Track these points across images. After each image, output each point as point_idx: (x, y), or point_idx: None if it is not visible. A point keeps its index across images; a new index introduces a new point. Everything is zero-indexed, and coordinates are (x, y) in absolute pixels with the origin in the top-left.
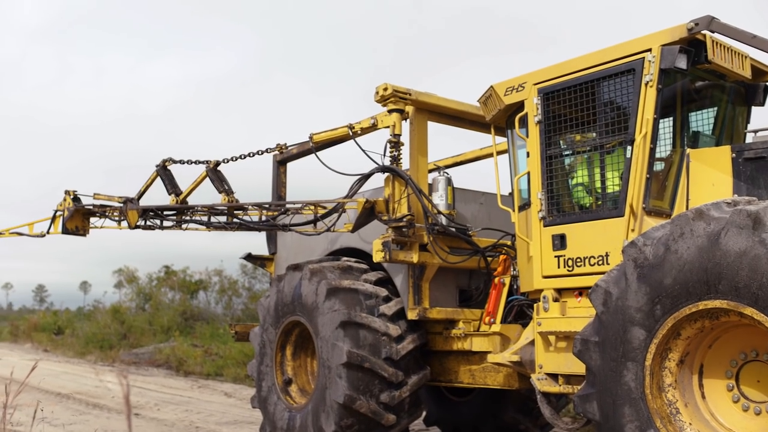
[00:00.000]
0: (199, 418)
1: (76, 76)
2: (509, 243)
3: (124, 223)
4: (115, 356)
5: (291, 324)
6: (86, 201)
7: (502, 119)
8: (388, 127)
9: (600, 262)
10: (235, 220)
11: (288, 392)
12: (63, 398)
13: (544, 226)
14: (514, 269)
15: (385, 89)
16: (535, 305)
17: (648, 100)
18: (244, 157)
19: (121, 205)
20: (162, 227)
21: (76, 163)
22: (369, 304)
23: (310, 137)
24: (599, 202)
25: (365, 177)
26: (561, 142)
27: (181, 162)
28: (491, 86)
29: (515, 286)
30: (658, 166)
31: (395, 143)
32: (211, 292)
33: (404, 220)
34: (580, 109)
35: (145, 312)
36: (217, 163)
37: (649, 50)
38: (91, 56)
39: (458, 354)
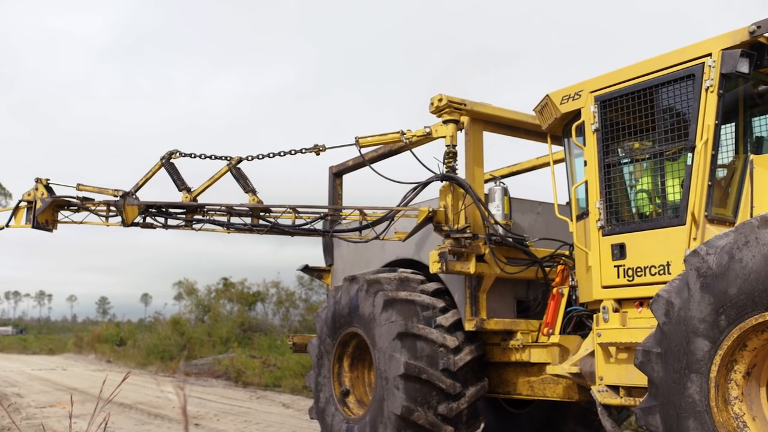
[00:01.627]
0: (257, 429)
1: (139, 93)
2: (567, 253)
3: (114, 219)
4: (175, 367)
5: (348, 335)
6: (61, 191)
7: (558, 128)
8: (442, 137)
9: (661, 272)
10: (262, 222)
11: (346, 403)
12: (125, 408)
13: (603, 235)
14: (573, 279)
15: (440, 100)
16: (594, 316)
17: (709, 105)
18: (273, 156)
19: (118, 199)
20: (166, 226)
21: (139, 177)
22: (426, 315)
23: (357, 140)
24: (659, 211)
25: (422, 186)
26: (619, 150)
27: (192, 156)
28: (547, 95)
29: (574, 297)
30: (720, 173)
31: (451, 154)
32: (268, 303)
33: (467, 230)
34: (639, 117)
35: (204, 323)
36: (240, 160)
37: (710, 55)
38: (154, 74)
39: (516, 365)
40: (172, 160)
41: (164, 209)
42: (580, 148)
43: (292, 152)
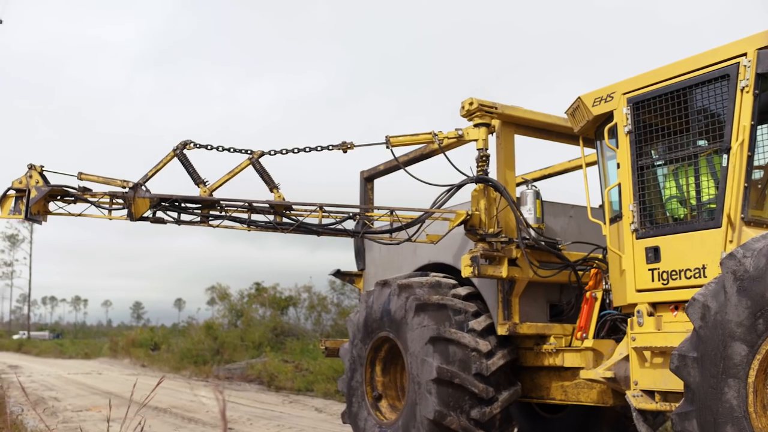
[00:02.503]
0: None
1: (175, 99)
2: (600, 256)
3: (119, 212)
4: (208, 371)
5: (380, 340)
6: (57, 180)
7: (590, 130)
8: (474, 140)
9: (697, 275)
10: (286, 220)
11: (378, 408)
12: (160, 412)
13: (637, 238)
14: (606, 283)
15: (471, 103)
16: (628, 320)
17: (744, 106)
18: (297, 151)
19: (126, 190)
20: (179, 221)
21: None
22: (458, 320)
23: (387, 139)
24: (694, 213)
25: (456, 188)
26: (652, 152)
27: (208, 147)
28: (579, 97)
29: (607, 300)
30: (757, 174)
31: (483, 157)
32: (300, 308)
33: (502, 235)
34: (673, 118)
35: (237, 328)
36: (262, 154)
37: (744, 54)
38: (188, 81)
39: (550, 370)
40: (186, 151)
41: (178, 203)
42: (613, 151)
43: (318, 148)
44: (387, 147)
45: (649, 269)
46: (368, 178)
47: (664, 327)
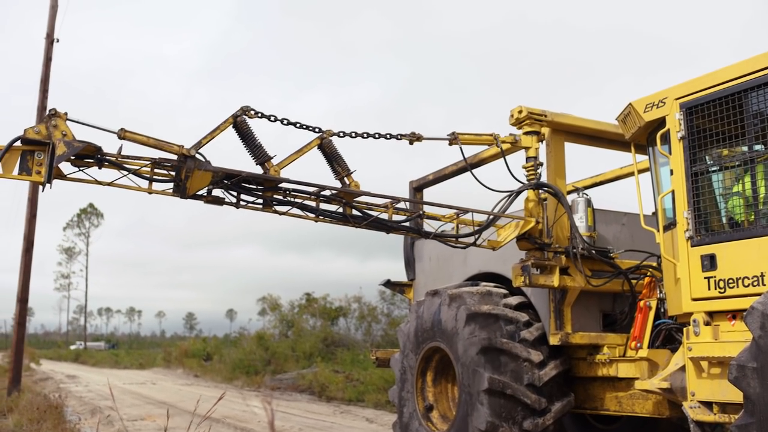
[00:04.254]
0: None
1: (228, 113)
2: (654, 264)
3: (161, 185)
4: (260, 382)
5: (431, 350)
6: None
7: (642, 137)
8: (526, 147)
9: (755, 283)
10: (356, 212)
11: (429, 418)
12: (214, 422)
13: (692, 246)
14: (661, 291)
15: (520, 112)
16: (684, 329)
17: None
18: (367, 137)
19: (181, 159)
20: (238, 204)
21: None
22: (509, 330)
23: (455, 136)
24: (752, 220)
25: (516, 194)
26: (707, 157)
27: (271, 119)
28: (630, 103)
29: (662, 309)
30: None
31: (533, 166)
32: (350, 318)
33: (555, 244)
34: (728, 122)
35: (288, 338)
36: (333, 134)
37: None
38: (242, 94)
39: (603, 380)
40: (246, 119)
41: (246, 182)
42: (666, 157)
43: (387, 136)
44: (450, 144)
45: (705, 277)
46: (417, 188)
47: (722, 336)
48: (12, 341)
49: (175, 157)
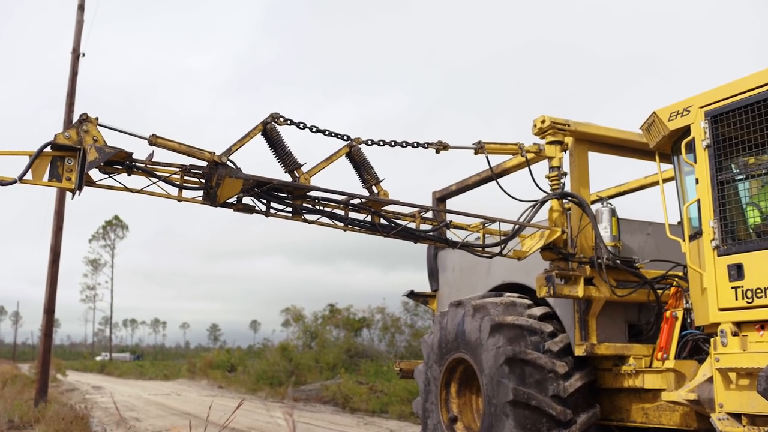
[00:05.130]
0: None
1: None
2: (681, 274)
3: (191, 192)
4: (284, 393)
5: (455, 361)
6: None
7: (666, 146)
8: (550, 157)
9: None
10: (384, 221)
11: (453, 430)
12: None
13: (718, 255)
14: (687, 302)
15: (543, 121)
16: (711, 340)
17: None
18: (394, 145)
19: (212, 166)
20: (267, 213)
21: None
22: (534, 340)
23: (481, 144)
24: None
25: (540, 203)
26: (733, 166)
27: (300, 126)
28: (654, 112)
29: (689, 320)
30: None
31: (557, 175)
32: (374, 329)
33: (580, 254)
34: (755, 130)
35: (312, 350)
36: (361, 142)
37: None
38: (269, 106)
39: (630, 391)
40: (275, 126)
41: (276, 191)
42: (691, 166)
43: (414, 144)
44: (476, 153)
45: (732, 287)
46: (441, 198)
47: (750, 347)
48: (39, 352)
49: (205, 164)
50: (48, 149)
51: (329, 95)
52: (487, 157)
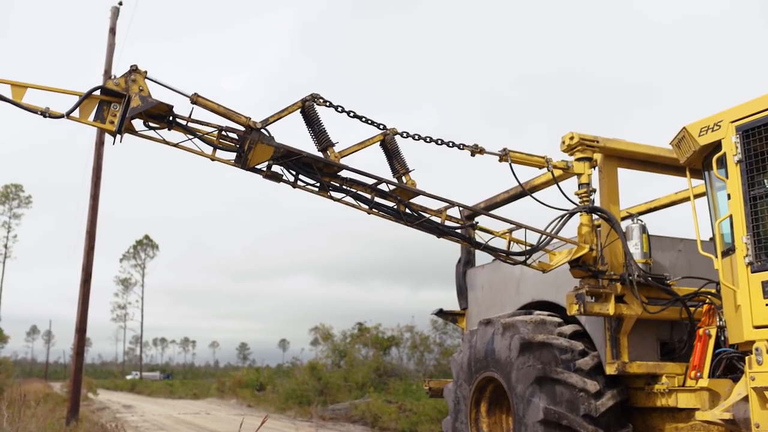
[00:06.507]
0: None
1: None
2: (713, 291)
3: (224, 154)
4: (312, 412)
5: (485, 380)
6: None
7: (697, 161)
8: (579, 174)
9: None
10: (408, 211)
11: None
12: None
13: (752, 272)
14: (720, 319)
15: (572, 138)
16: (746, 358)
17: None
18: (429, 141)
19: (250, 132)
20: (295, 184)
21: (287, 230)
22: (564, 359)
23: (506, 152)
24: None
25: (569, 215)
26: (766, 181)
27: (339, 109)
28: (684, 127)
29: (722, 338)
30: None
31: (586, 192)
32: (403, 348)
33: (611, 271)
34: None
35: (341, 368)
36: (396, 133)
37: None
38: (300, 125)
39: (663, 411)
40: (314, 105)
41: (302, 162)
42: (723, 181)
43: (450, 144)
44: (500, 160)
45: (766, 304)
46: (468, 216)
47: None
48: (71, 371)
49: (241, 128)
50: (97, 93)
51: (362, 112)
52: (511, 166)
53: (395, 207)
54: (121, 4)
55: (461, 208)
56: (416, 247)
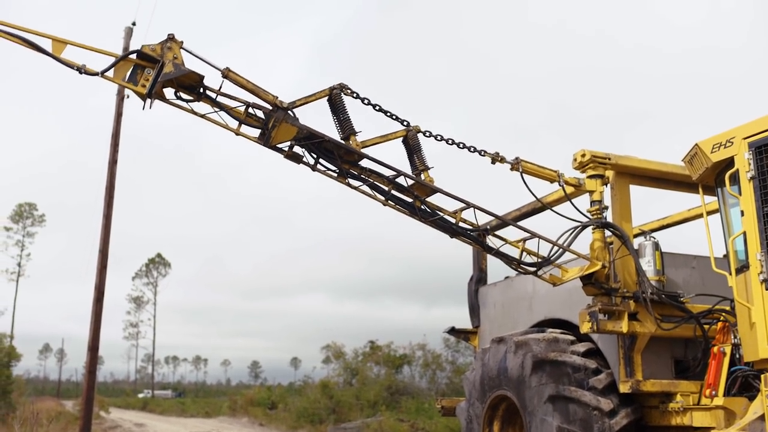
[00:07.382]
0: None
1: (290, 169)
2: (727, 308)
3: (248, 129)
4: (324, 430)
5: (497, 398)
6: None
7: (710, 178)
8: (591, 191)
9: None
10: (423, 207)
11: None
12: None
13: (767, 289)
14: (735, 337)
15: (583, 155)
16: (762, 376)
17: None
18: (452, 143)
19: (273, 109)
20: (315, 167)
21: (298, 248)
22: (578, 377)
23: (518, 161)
24: None
25: (581, 227)
26: None
27: (364, 101)
28: (696, 144)
29: (737, 355)
30: None
31: (598, 209)
32: (415, 366)
33: (624, 289)
34: None
35: (353, 387)
36: (419, 131)
37: None
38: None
39: (677, 429)
40: (341, 94)
41: (323, 147)
42: (736, 198)
43: (471, 149)
44: (512, 169)
45: None
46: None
47: None
48: (83, 389)
49: (268, 106)
50: (133, 57)
51: (372, 132)
52: (522, 176)
53: (411, 202)
54: (134, 24)
55: (477, 211)
56: (428, 264)
